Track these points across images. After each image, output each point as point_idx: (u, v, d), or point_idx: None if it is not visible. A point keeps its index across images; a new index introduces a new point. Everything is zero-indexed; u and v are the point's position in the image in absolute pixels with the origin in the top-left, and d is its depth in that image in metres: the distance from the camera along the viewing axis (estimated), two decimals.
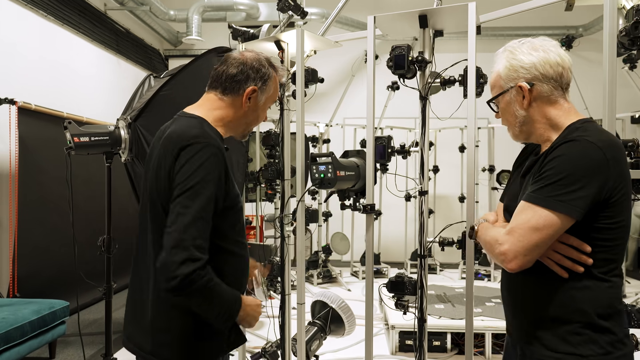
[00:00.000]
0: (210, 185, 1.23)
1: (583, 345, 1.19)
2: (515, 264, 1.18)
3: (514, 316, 1.36)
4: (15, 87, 4.24)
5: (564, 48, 5.02)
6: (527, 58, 1.27)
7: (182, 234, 1.17)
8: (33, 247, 4.12)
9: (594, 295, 1.20)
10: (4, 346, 2.90)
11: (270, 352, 2.74)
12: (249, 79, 1.38)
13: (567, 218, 1.15)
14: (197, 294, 1.19)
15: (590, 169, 1.14)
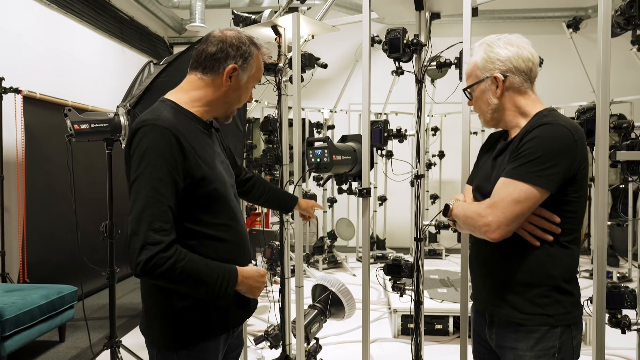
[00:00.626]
0: (161, 165, 1.19)
1: (550, 306, 1.34)
2: (498, 234, 1.31)
3: (485, 285, 1.48)
4: (20, 76, 4.28)
5: (571, 30, 4.94)
6: (503, 52, 1.41)
7: (137, 220, 1.16)
8: (41, 233, 4.20)
9: (560, 261, 1.35)
10: (14, 329, 2.98)
11: (272, 335, 2.78)
12: (229, 57, 1.34)
13: (544, 191, 1.29)
14: (167, 276, 1.17)
15: (562, 149, 1.29)
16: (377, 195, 6.38)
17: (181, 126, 1.27)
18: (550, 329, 1.34)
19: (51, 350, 3.45)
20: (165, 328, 1.31)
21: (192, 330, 1.31)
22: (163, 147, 1.21)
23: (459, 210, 1.44)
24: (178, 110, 1.32)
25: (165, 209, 1.18)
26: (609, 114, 1.59)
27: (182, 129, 1.26)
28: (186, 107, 1.35)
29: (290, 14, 2.43)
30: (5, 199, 3.99)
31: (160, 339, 1.32)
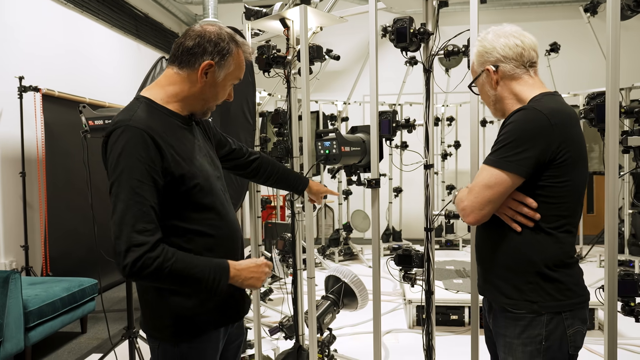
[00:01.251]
0: (138, 166, 1.18)
1: (533, 293, 1.36)
2: (472, 218, 1.37)
3: (480, 270, 1.54)
4: (39, 74, 4.39)
5: (589, 14, 4.82)
6: (489, 44, 1.45)
7: (119, 224, 1.15)
8: (63, 228, 4.31)
9: (543, 248, 1.36)
10: (38, 321, 3.08)
11: (287, 326, 2.81)
12: (206, 52, 1.29)
13: (515, 176, 1.31)
14: (156, 276, 1.17)
15: (535, 133, 1.29)
16: (393, 187, 6.36)
17: (156, 124, 1.25)
18: (536, 317, 1.36)
19: (73, 341, 3.55)
20: (165, 321, 1.31)
21: (191, 322, 1.32)
22: (138, 147, 1.19)
23: (457, 197, 1.49)
24: (153, 107, 1.30)
25: (146, 210, 1.17)
26: (618, 99, 1.56)
27: (157, 127, 1.24)
28: (162, 103, 1.32)
29: (297, 6, 2.43)
30: (27, 195, 4.10)
31: (161, 332, 1.32)
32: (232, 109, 2.72)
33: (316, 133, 2.19)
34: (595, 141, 5.90)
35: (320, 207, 6.70)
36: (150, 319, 1.34)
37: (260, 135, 4.76)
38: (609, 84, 1.57)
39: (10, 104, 4.07)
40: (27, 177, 4.09)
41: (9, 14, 4.19)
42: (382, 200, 6.46)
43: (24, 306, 2.97)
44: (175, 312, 1.31)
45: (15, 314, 2.88)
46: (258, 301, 2.88)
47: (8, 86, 4.04)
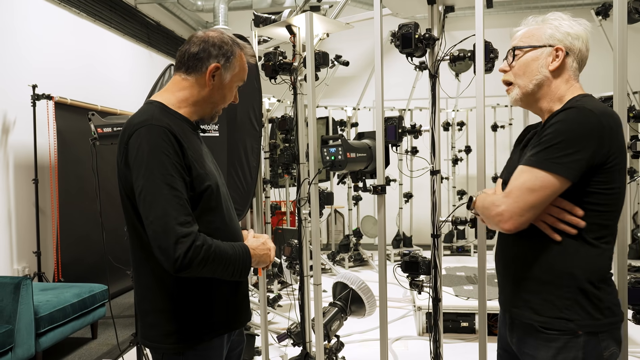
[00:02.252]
0: (168, 161, 1.21)
1: (570, 309, 1.22)
2: (511, 224, 1.21)
3: (504, 283, 1.39)
4: (52, 83, 4.46)
5: (601, 17, 4.77)
6: (576, 28, 1.30)
7: (163, 219, 1.18)
8: (75, 235, 4.36)
9: (585, 261, 1.22)
10: (49, 326, 3.11)
11: (295, 333, 2.80)
12: (211, 56, 1.34)
13: (563, 180, 1.18)
14: (205, 262, 1.20)
15: (586, 134, 1.16)
16: (403, 192, 6.33)
17: (174, 125, 1.28)
18: (572, 338, 1.22)
19: (84, 347, 3.58)
20: (168, 330, 1.31)
21: (196, 330, 1.32)
22: (165, 145, 1.22)
23: (480, 202, 1.34)
24: (166, 111, 1.33)
25: (183, 203, 1.21)
26: (626, 104, 1.53)
27: (175, 128, 1.28)
28: (174, 108, 1.35)
29: (303, 13, 2.44)
30: (40, 201, 4.16)
31: (164, 342, 1.31)
32: (238, 115, 2.73)
33: (322, 139, 2.19)
34: None
35: (330, 213, 6.70)
36: (154, 328, 1.33)
37: (269, 142, 4.78)
38: (617, 88, 1.55)
39: (23, 112, 4.14)
40: (39, 184, 4.15)
41: (22, 23, 4.27)
42: (393, 206, 6.44)
43: (35, 312, 3.01)
44: (180, 317, 1.31)
45: (26, 320, 2.91)
46: (265, 307, 2.88)
47: (21, 94, 4.12)
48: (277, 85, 2.62)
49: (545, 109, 1.33)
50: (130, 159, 1.24)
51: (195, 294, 1.32)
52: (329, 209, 6.73)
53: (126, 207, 1.32)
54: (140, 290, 1.35)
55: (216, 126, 2.72)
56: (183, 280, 1.29)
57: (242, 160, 2.74)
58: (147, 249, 1.27)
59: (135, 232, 1.31)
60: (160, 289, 1.31)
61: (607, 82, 6.48)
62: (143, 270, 1.33)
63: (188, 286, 1.31)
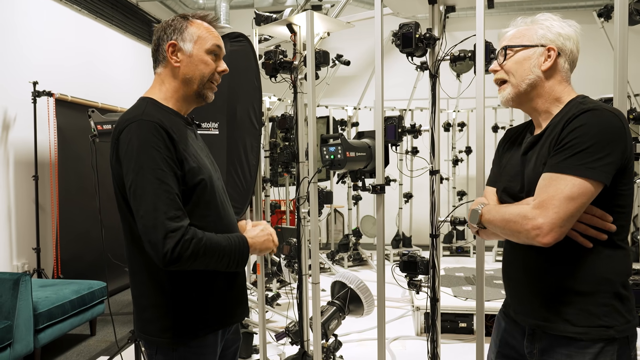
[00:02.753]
0: (159, 156, 1.22)
1: (609, 316, 1.20)
2: (551, 237, 1.15)
3: (529, 296, 1.31)
4: (53, 80, 4.47)
5: (603, 19, 4.76)
6: (567, 29, 1.29)
7: (152, 213, 1.18)
8: (74, 231, 4.36)
9: (616, 264, 1.21)
10: (47, 323, 3.12)
11: (293, 332, 2.80)
12: (163, 40, 1.36)
13: (599, 184, 1.15)
14: (194, 257, 1.20)
15: (614, 136, 1.15)
16: (403, 192, 6.33)
17: (165, 120, 1.28)
18: (609, 342, 1.19)
19: (82, 344, 3.58)
20: (163, 325, 1.31)
21: (190, 325, 1.32)
22: (155, 139, 1.22)
23: (494, 215, 1.27)
24: (157, 106, 1.34)
25: (173, 197, 1.21)
26: (627, 106, 1.53)
27: (167, 122, 1.28)
28: (163, 102, 1.36)
29: (304, 11, 2.44)
30: (40, 198, 4.16)
31: (159, 336, 1.31)
32: (238, 113, 2.73)
33: (321, 138, 2.19)
34: None
35: (329, 212, 6.70)
36: (151, 323, 1.33)
37: (269, 140, 4.78)
38: (617, 90, 1.54)
39: (24, 109, 4.15)
40: (39, 181, 4.15)
41: (23, 20, 4.28)
42: (392, 206, 6.43)
43: (34, 308, 3.01)
44: (175, 312, 1.31)
45: (25, 316, 2.91)
46: (263, 305, 2.88)
47: (22, 91, 4.12)
48: (278, 84, 2.62)
49: (541, 109, 1.31)
50: (120, 154, 1.25)
51: (190, 288, 1.32)
52: (329, 208, 6.73)
53: (119, 203, 1.32)
54: (137, 286, 1.35)
55: (216, 124, 2.72)
56: (176, 274, 1.29)
57: (242, 158, 2.74)
58: (140, 244, 1.28)
59: (128, 228, 1.32)
60: (154, 284, 1.31)
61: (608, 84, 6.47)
62: (137, 266, 1.33)
63: (182, 280, 1.31)
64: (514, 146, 1.40)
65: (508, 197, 1.33)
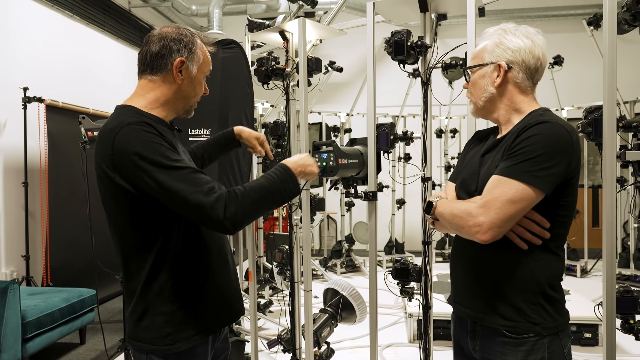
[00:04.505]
0: (163, 150, 1.20)
1: (536, 314, 1.28)
2: (489, 235, 1.23)
3: (469, 290, 1.40)
4: (44, 85, 4.44)
5: (592, 27, 4.82)
6: (516, 41, 1.34)
7: (190, 203, 1.17)
8: (64, 239, 4.32)
9: (548, 268, 1.29)
10: (36, 331, 3.07)
11: (285, 339, 2.79)
12: (173, 51, 1.32)
13: (540, 192, 1.22)
14: (249, 211, 1.21)
15: (562, 149, 1.22)
16: (395, 199, 6.33)
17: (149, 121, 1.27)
18: (538, 340, 1.28)
19: (72, 352, 3.53)
20: (154, 332, 1.30)
21: (181, 332, 1.31)
22: (152, 135, 1.22)
23: (445, 209, 1.35)
24: (139, 113, 1.30)
25: (197, 174, 1.21)
26: (616, 113, 1.54)
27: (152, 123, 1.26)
28: (145, 110, 1.32)
29: (297, 19, 2.45)
30: (29, 205, 4.12)
31: (155, 343, 1.30)
32: (230, 120, 2.72)
33: (313, 145, 2.19)
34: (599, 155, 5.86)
35: (322, 219, 6.69)
36: (145, 330, 1.32)
37: None
38: (607, 98, 1.56)
39: (14, 115, 4.11)
40: (29, 187, 4.11)
41: (15, 25, 4.25)
42: (385, 212, 6.44)
43: (22, 317, 2.97)
44: (166, 319, 1.30)
45: (13, 325, 2.87)
46: (255, 313, 2.86)
47: (12, 97, 4.09)
48: (270, 91, 2.62)
49: (502, 119, 1.39)
50: (122, 164, 1.21)
51: (189, 292, 1.32)
52: (322, 214, 6.72)
53: (113, 214, 1.30)
54: (132, 293, 1.33)
55: (208, 130, 2.71)
56: (176, 279, 1.29)
57: (234, 165, 2.72)
58: (138, 251, 1.27)
59: (122, 234, 1.29)
60: (154, 291, 1.29)
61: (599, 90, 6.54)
62: (134, 273, 1.31)
63: (183, 285, 1.31)
64: (478, 146, 1.48)
65: (464, 194, 1.40)
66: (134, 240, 1.28)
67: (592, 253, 5.77)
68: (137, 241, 1.28)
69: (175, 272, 1.30)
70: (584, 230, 5.63)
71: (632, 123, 1.62)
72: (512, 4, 6.65)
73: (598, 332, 3.46)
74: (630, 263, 5.08)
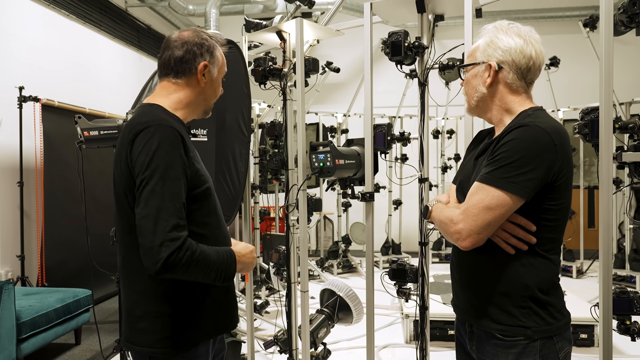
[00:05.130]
0: (173, 163, 1.22)
1: (526, 317, 1.28)
2: (468, 242, 1.25)
3: (463, 293, 1.42)
4: (40, 85, 4.41)
5: (588, 29, 4.83)
6: (507, 41, 1.32)
7: (154, 218, 1.17)
8: (60, 239, 4.30)
9: (537, 272, 1.28)
10: (31, 332, 3.05)
11: (281, 340, 2.78)
12: (197, 55, 1.38)
13: (518, 198, 1.22)
14: (186, 269, 1.19)
15: (539, 153, 1.20)
16: (392, 199, 6.34)
17: (177, 127, 1.29)
18: (529, 343, 1.27)
19: (67, 353, 3.52)
20: (161, 335, 1.29)
21: (182, 335, 1.30)
22: (173, 145, 1.24)
23: (436, 214, 1.38)
24: (168, 114, 1.34)
25: (179, 206, 1.21)
26: (612, 115, 1.55)
27: (181, 130, 1.29)
28: (171, 110, 1.37)
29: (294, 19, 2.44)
30: (25, 205, 4.10)
31: (153, 346, 1.29)
32: (227, 120, 2.72)
33: (310, 145, 2.19)
34: (596, 156, 5.87)
35: (319, 219, 6.69)
36: (143, 333, 1.31)
37: (258, 147, 4.77)
38: (603, 99, 1.56)
39: (9, 114, 4.09)
40: (25, 187, 4.09)
41: (10, 23, 4.23)
42: (382, 213, 6.44)
43: (17, 317, 2.95)
44: (168, 322, 1.29)
45: (7, 325, 2.85)
46: (252, 313, 2.85)
47: (8, 96, 4.06)
48: (267, 91, 2.61)
49: (495, 119, 1.38)
50: (134, 156, 1.23)
51: (190, 296, 1.32)
52: (318, 215, 6.72)
53: (124, 210, 1.29)
54: (131, 295, 1.32)
55: (205, 131, 2.70)
56: (178, 283, 1.28)
57: (231, 165, 2.72)
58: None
59: (131, 235, 1.28)
60: (154, 294, 1.29)
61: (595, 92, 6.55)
62: (135, 275, 1.30)
63: (183, 289, 1.30)
64: (475, 148, 1.47)
65: (461, 197, 1.40)
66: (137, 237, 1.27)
67: (587, 254, 5.79)
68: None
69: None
70: (579, 231, 5.64)
71: (628, 124, 1.62)
72: (508, 5, 6.67)
73: (594, 333, 3.47)
74: (626, 264, 5.10)
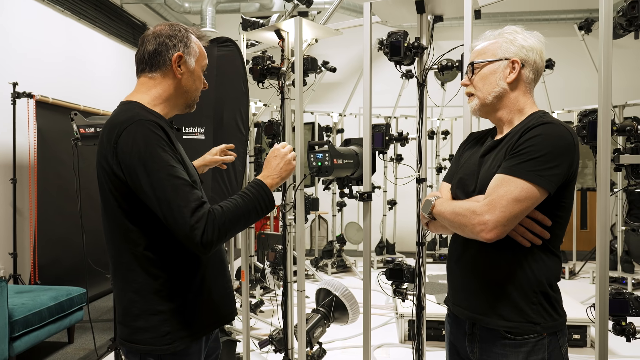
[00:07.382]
0: (164, 155, 1.22)
1: (537, 314, 1.28)
2: (494, 234, 1.22)
3: (467, 290, 1.39)
4: (34, 81, 4.37)
5: (583, 32, 4.87)
6: (530, 41, 1.35)
7: (172, 212, 1.18)
8: (53, 236, 4.26)
9: (548, 268, 1.30)
10: (23, 330, 3.02)
11: (277, 339, 2.77)
12: (169, 47, 1.35)
13: (544, 192, 1.23)
14: (224, 235, 1.22)
15: (565, 150, 1.23)
16: (387, 199, 6.35)
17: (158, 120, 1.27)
18: (539, 340, 1.28)
19: (60, 352, 3.49)
20: (158, 333, 1.28)
21: (175, 333, 1.30)
22: (158, 137, 1.23)
23: (445, 208, 1.34)
24: (147, 110, 1.32)
25: (189, 188, 1.21)
26: (610, 117, 1.56)
27: (161, 122, 1.27)
28: (149, 107, 1.34)
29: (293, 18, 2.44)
30: (18, 202, 4.06)
31: (151, 344, 1.29)
32: (225, 119, 2.71)
33: (309, 145, 2.18)
34: (589, 158, 5.92)
35: (314, 218, 6.68)
36: (141, 331, 1.30)
37: (255, 146, 4.75)
38: (601, 102, 1.57)
39: (3, 110, 4.05)
40: (18, 184, 4.05)
41: (5, 19, 4.19)
42: (376, 213, 6.45)
43: (9, 315, 2.92)
44: (161, 320, 1.28)
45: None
46: (247, 313, 2.84)
47: (1, 92, 4.03)
48: (264, 89, 2.61)
49: (505, 119, 1.38)
50: (123, 157, 1.22)
51: (187, 293, 1.31)
52: (314, 214, 6.71)
53: (111, 209, 1.28)
54: (127, 294, 1.31)
55: (202, 129, 2.69)
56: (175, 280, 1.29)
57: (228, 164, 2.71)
58: (135, 252, 1.25)
59: (122, 234, 1.28)
60: (151, 292, 1.28)
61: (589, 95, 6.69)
62: (131, 274, 1.29)
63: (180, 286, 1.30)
64: (474, 147, 1.48)
65: (461, 194, 1.40)
66: (130, 236, 1.26)
67: (580, 255, 5.83)
68: (133, 237, 1.26)
69: (172, 270, 1.29)
70: (572, 233, 5.69)
71: (625, 127, 1.64)
72: (505, 7, 6.70)
73: (586, 334, 3.49)
74: (618, 265, 5.14)
